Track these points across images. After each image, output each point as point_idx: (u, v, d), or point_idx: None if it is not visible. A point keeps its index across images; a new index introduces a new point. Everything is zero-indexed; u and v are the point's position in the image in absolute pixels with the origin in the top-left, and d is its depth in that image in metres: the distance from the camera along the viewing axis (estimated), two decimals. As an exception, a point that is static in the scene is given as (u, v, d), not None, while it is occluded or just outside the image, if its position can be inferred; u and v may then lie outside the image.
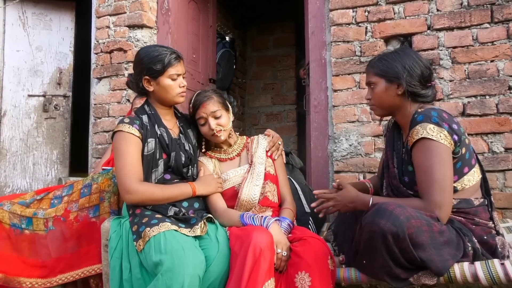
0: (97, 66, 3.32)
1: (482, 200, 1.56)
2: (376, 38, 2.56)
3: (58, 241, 1.99)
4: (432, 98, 1.64)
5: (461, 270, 1.43)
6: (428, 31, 2.46)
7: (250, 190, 1.81)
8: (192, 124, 1.97)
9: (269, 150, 1.94)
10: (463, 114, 2.37)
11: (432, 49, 2.44)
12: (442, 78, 2.41)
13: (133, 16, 3.22)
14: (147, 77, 1.80)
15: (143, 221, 1.65)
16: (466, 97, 2.37)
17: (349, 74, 2.59)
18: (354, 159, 2.55)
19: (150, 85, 1.81)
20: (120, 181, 1.70)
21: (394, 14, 2.53)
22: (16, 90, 3.84)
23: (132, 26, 3.23)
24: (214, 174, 1.88)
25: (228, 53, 4.49)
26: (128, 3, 3.25)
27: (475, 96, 2.35)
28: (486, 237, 1.50)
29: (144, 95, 1.92)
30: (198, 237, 1.63)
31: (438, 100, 2.38)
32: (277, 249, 1.55)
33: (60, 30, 3.97)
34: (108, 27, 3.30)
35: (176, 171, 1.80)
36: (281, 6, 5.24)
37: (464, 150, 1.52)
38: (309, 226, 1.98)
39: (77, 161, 4.01)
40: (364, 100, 2.41)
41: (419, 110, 1.57)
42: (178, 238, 1.55)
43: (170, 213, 1.70)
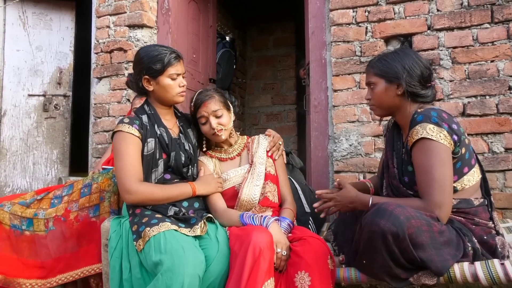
0: (97, 65, 3.32)
1: (482, 200, 1.56)
2: (376, 38, 2.56)
3: (58, 241, 1.99)
4: (432, 98, 1.64)
5: (461, 270, 1.43)
6: (428, 31, 2.46)
7: (250, 190, 1.81)
8: (192, 123, 1.97)
9: (269, 150, 1.93)
10: (463, 114, 2.37)
11: (432, 49, 2.44)
12: (442, 78, 2.41)
13: (133, 16, 3.22)
14: (147, 76, 1.80)
15: (143, 221, 1.65)
16: (466, 97, 2.37)
17: (349, 74, 2.59)
18: (354, 159, 2.55)
19: (150, 84, 1.81)
20: (120, 181, 1.70)
21: (394, 14, 2.53)
22: (16, 90, 3.84)
23: (132, 26, 3.23)
24: (214, 174, 1.87)
25: (228, 53, 4.49)
26: (128, 3, 3.25)
27: (475, 96, 2.35)
28: (486, 237, 1.50)
29: (144, 95, 1.91)
30: (198, 236, 1.62)
31: (438, 100, 2.38)
32: (276, 248, 1.55)
33: (60, 29, 3.98)
34: (108, 27, 3.30)
35: (176, 171, 1.80)
36: (281, 6, 5.24)
37: (464, 150, 1.52)
38: (309, 226, 1.98)
39: (77, 160, 4.01)
40: (364, 100, 2.41)
41: (419, 110, 1.57)
42: (178, 238, 1.55)
43: (170, 213, 1.70)
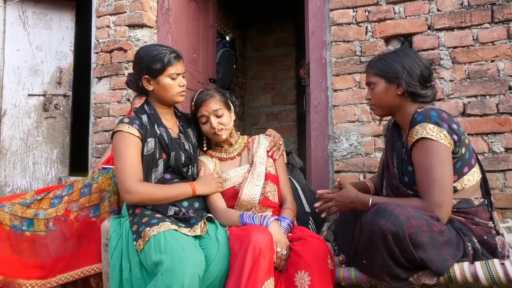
0: (97, 65, 3.32)
1: (482, 200, 1.56)
2: (376, 38, 2.55)
3: (58, 241, 1.99)
4: (432, 98, 1.64)
5: (461, 270, 1.43)
6: (428, 31, 2.46)
7: (250, 190, 1.81)
8: (192, 123, 1.96)
9: (270, 150, 1.93)
10: (464, 114, 2.37)
11: (432, 49, 2.44)
12: (442, 78, 2.41)
13: (133, 15, 3.22)
14: (147, 76, 1.79)
15: (143, 220, 1.65)
16: (467, 97, 2.37)
17: (349, 74, 2.59)
18: (354, 159, 2.55)
19: (149, 84, 1.81)
20: (119, 181, 1.70)
21: (395, 14, 2.53)
22: (16, 90, 3.84)
23: (132, 26, 3.23)
24: (214, 174, 1.87)
25: (228, 52, 4.49)
26: (128, 3, 3.25)
27: (476, 96, 2.35)
28: (486, 237, 1.50)
29: (143, 95, 1.91)
30: (198, 236, 1.62)
31: (439, 100, 2.38)
32: (276, 248, 1.55)
33: (60, 29, 3.97)
34: (108, 27, 3.30)
35: (176, 171, 1.80)
36: (281, 6, 5.24)
37: (464, 150, 1.52)
38: (309, 226, 1.98)
39: (77, 160, 4.01)
40: (364, 100, 2.41)
41: (419, 110, 1.57)
42: (178, 237, 1.55)
43: (170, 212, 1.70)
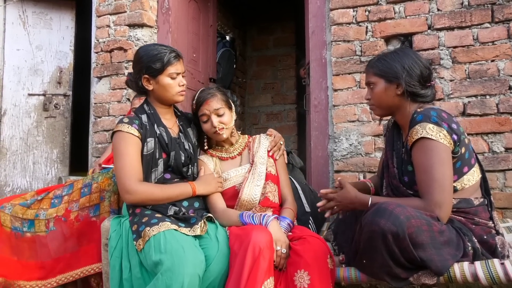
0: (97, 65, 3.32)
1: (482, 199, 1.56)
2: (376, 38, 2.55)
3: (58, 241, 1.99)
4: (431, 98, 1.63)
5: (461, 269, 1.43)
6: (428, 31, 2.46)
7: (251, 190, 1.80)
8: (192, 122, 1.96)
9: (270, 150, 1.93)
10: (464, 114, 2.36)
11: (432, 48, 2.44)
12: (442, 78, 2.41)
13: (133, 15, 3.22)
14: (147, 76, 1.79)
15: (143, 220, 1.65)
16: (467, 97, 2.37)
17: (349, 74, 2.59)
18: (354, 159, 2.55)
19: (149, 84, 1.81)
20: (119, 181, 1.70)
21: (395, 13, 2.53)
22: (16, 89, 3.84)
23: (132, 25, 3.23)
24: (214, 173, 1.87)
25: (228, 52, 4.49)
26: (128, 2, 3.25)
27: (476, 96, 2.35)
28: (486, 236, 1.50)
29: (143, 94, 1.91)
30: (198, 236, 1.62)
31: (439, 100, 2.38)
32: (276, 246, 1.55)
33: (60, 29, 3.97)
34: (108, 26, 3.30)
35: (176, 171, 1.80)
36: (281, 6, 5.24)
37: (463, 150, 1.52)
38: (309, 225, 1.98)
39: (77, 160, 4.01)
40: (364, 99, 2.40)
41: (419, 110, 1.56)
42: (178, 237, 1.55)
43: (170, 212, 1.70)
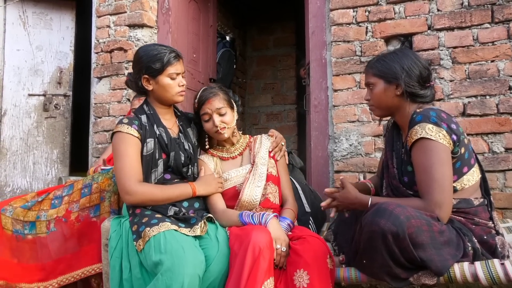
0: (97, 65, 3.32)
1: (482, 200, 1.56)
2: (376, 38, 2.55)
3: (58, 242, 1.99)
4: (431, 98, 1.64)
5: (461, 270, 1.43)
6: (428, 31, 2.46)
7: (251, 191, 1.80)
8: (192, 122, 1.96)
9: (272, 151, 1.93)
10: (464, 114, 2.36)
11: (432, 49, 2.44)
12: (442, 78, 2.41)
13: (133, 15, 3.22)
14: (146, 76, 1.79)
15: (143, 221, 1.65)
16: (467, 97, 2.37)
17: (349, 74, 2.59)
18: (354, 159, 2.55)
19: (149, 84, 1.81)
20: (119, 182, 1.70)
21: (395, 14, 2.53)
22: (16, 90, 3.84)
23: (132, 26, 3.23)
24: (215, 173, 1.87)
25: (228, 52, 4.49)
26: (128, 3, 3.25)
27: (476, 96, 2.35)
28: (486, 237, 1.50)
29: (143, 94, 1.91)
30: (198, 236, 1.62)
31: (439, 100, 2.38)
32: (276, 244, 1.55)
33: (60, 29, 3.98)
34: (108, 27, 3.30)
35: (175, 171, 1.80)
36: (281, 6, 5.24)
37: (463, 150, 1.52)
38: (309, 225, 1.98)
39: (77, 160, 4.01)
40: (364, 100, 2.41)
41: (418, 110, 1.57)
42: (178, 238, 1.55)
43: (170, 213, 1.70)
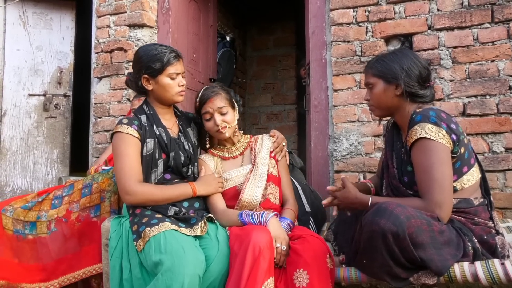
0: (97, 65, 3.32)
1: (482, 199, 1.56)
2: (376, 38, 2.55)
3: (59, 242, 1.99)
4: (430, 98, 1.64)
5: (461, 270, 1.43)
6: (428, 31, 2.46)
7: (252, 191, 1.80)
8: (192, 122, 1.96)
9: (273, 151, 1.93)
10: (464, 114, 2.36)
11: (432, 49, 2.44)
12: (442, 78, 2.41)
13: (133, 15, 3.22)
14: (146, 75, 1.79)
15: (143, 221, 1.65)
16: (467, 97, 2.37)
17: (349, 74, 2.59)
18: (355, 159, 2.55)
19: (149, 84, 1.81)
20: (119, 182, 1.70)
21: (395, 14, 2.53)
22: (16, 90, 3.84)
23: (132, 26, 3.23)
24: (215, 173, 1.87)
25: (228, 52, 4.49)
26: (128, 3, 3.25)
27: (476, 96, 2.35)
28: (486, 236, 1.50)
29: (143, 94, 1.91)
30: (198, 236, 1.62)
31: (439, 100, 2.38)
32: (276, 243, 1.55)
33: (60, 29, 3.98)
34: (108, 27, 3.30)
35: (175, 171, 1.80)
36: (281, 6, 5.23)
37: (463, 150, 1.52)
38: (309, 225, 1.98)
39: (77, 160, 4.01)
40: (364, 100, 2.42)
41: (418, 110, 1.57)
42: (178, 238, 1.55)
43: (170, 213, 1.70)
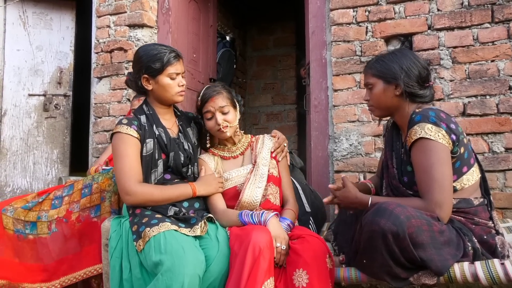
0: (97, 65, 3.32)
1: (482, 199, 1.56)
2: (376, 38, 2.55)
3: (60, 242, 1.99)
4: (430, 98, 1.64)
5: (461, 270, 1.43)
6: (428, 31, 2.46)
7: (252, 191, 1.80)
8: (192, 122, 1.96)
9: (274, 152, 1.93)
10: (464, 114, 2.36)
11: (432, 49, 2.44)
12: (442, 78, 2.41)
13: (133, 15, 3.22)
14: (146, 75, 1.79)
15: (143, 221, 1.65)
16: (467, 97, 2.37)
17: (349, 74, 2.59)
18: (355, 159, 2.55)
19: (149, 83, 1.81)
20: (119, 182, 1.70)
21: (395, 14, 2.53)
22: (16, 90, 3.84)
23: (132, 26, 3.23)
24: (215, 173, 1.86)
25: (228, 52, 4.49)
26: (128, 3, 3.25)
27: (476, 96, 2.35)
28: (486, 236, 1.50)
29: (143, 94, 1.91)
30: (198, 236, 1.62)
31: (439, 100, 2.38)
32: (276, 243, 1.55)
33: (60, 29, 3.98)
34: (108, 27, 3.30)
35: (175, 171, 1.79)
36: (281, 6, 5.24)
37: (462, 150, 1.52)
38: (309, 225, 1.98)
39: (77, 160, 4.01)
40: (363, 100, 2.42)
41: (417, 110, 1.57)
42: (178, 238, 1.55)
43: (170, 213, 1.70)
